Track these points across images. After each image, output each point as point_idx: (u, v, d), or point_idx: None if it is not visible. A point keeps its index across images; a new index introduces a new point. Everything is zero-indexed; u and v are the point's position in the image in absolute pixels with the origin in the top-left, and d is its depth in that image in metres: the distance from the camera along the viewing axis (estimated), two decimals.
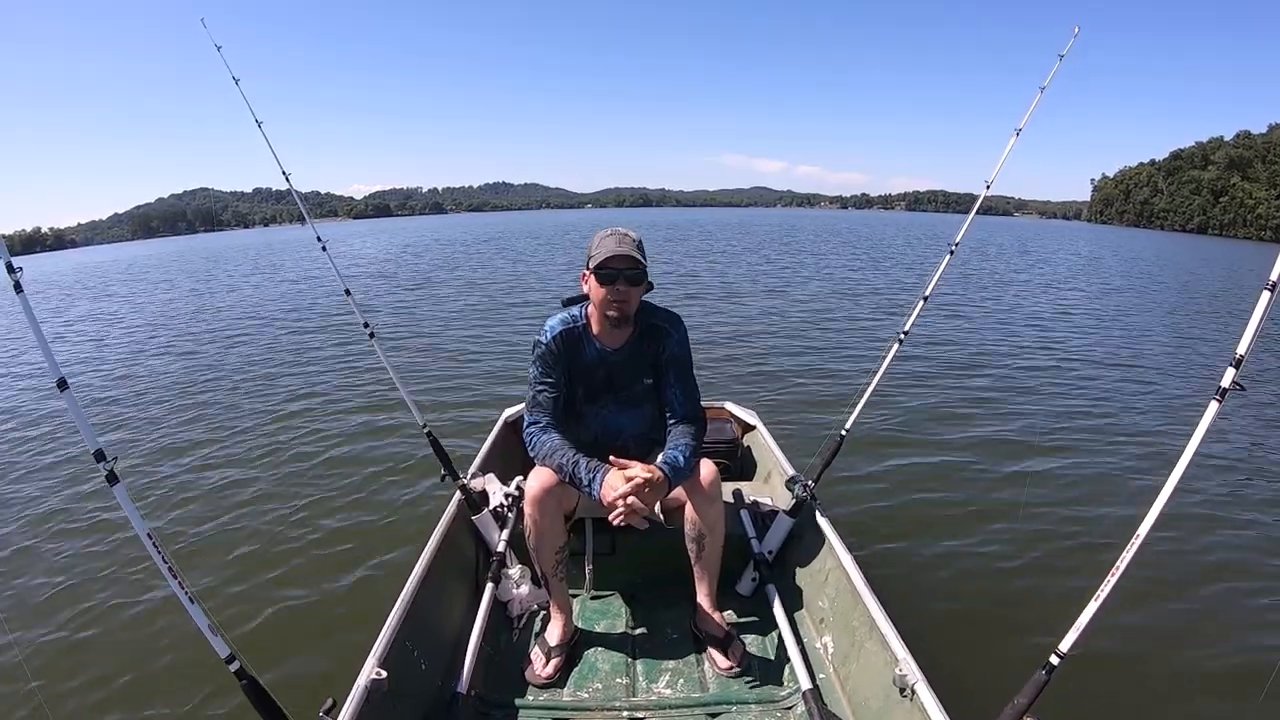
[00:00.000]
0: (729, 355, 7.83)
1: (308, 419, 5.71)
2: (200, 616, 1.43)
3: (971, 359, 7.85)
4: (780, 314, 10.89)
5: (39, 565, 3.50)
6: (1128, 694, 2.52)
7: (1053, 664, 1.46)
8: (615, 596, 2.40)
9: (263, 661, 2.57)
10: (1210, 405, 1.40)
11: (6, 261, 1.33)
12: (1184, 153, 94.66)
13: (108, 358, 8.90)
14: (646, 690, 1.97)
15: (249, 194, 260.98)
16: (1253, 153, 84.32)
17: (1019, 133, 2.46)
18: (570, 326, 2.07)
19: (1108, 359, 8.16)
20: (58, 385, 1.38)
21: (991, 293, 14.06)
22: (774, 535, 2.44)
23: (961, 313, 11.14)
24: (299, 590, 3.17)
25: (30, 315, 1.39)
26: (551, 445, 1.96)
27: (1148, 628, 2.90)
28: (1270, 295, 1.34)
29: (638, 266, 1.96)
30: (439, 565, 2.13)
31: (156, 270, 26.80)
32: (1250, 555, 3.55)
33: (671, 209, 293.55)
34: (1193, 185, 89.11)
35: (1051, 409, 6.00)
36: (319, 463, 4.71)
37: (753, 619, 2.27)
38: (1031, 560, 3.45)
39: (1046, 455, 4.83)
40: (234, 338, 9.83)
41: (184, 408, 6.25)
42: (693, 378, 2.15)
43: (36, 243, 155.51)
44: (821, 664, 2.05)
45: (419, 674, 1.83)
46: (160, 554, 1.42)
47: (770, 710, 1.87)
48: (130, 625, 2.95)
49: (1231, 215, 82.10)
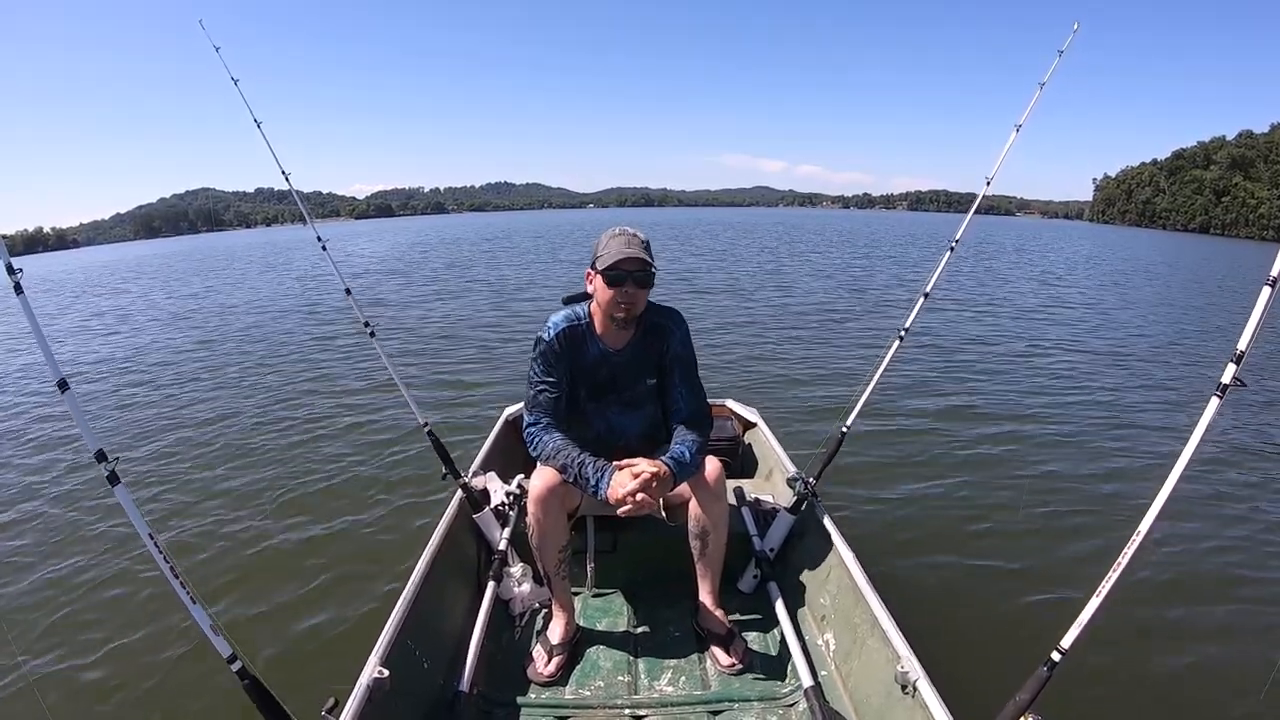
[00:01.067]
0: (730, 353, 7.84)
1: (309, 418, 5.72)
2: (202, 616, 1.43)
3: (972, 356, 7.85)
4: (782, 312, 10.90)
5: (40, 565, 3.50)
6: (1129, 691, 2.52)
7: (1054, 661, 1.46)
8: (617, 594, 2.39)
9: (264, 661, 2.59)
10: (1211, 401, 1.40)
11: (7, 263, 1.33)
12: (1186, 152, 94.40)
13: (109, 358, 8.91)
14: (649, 688, 1.97)
15: (251, 194, 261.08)
16: (1255, 152, 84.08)
17: (1019, 129, 2.46)
18: (573, 325, 2.07)
19: (1108, 355, 8.17)
20: (58, 386, 1.39)
21: (992, 290, 14.06)
22: (775, 533, 2.44)
23: (962, 310, 11.15)
24: (300, 589, 3.17)
25: (30, 316, 1.39)
26: (555, 445, 1.96)
27: (1149, 624, 2.89)
28: (1271, 291, 1.34)
29: (646, 268, 1.96)
30: (440, 564, 2.13)
31: (158, 270, 26.78)
32: (1252, 552, 3.55)
33: (674, 209, 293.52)
34: (1195, 185, 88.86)
35: (1053, 405, 6.00)
36: (320, 462, 4.71)
37: (754, 616, 2.27)
38: (1033, 557, 3.45)
39: (1047, 452, 4.83)
40: (235, 338, 9.84)
41: (184, 407, 6.26)
42: (697, 375, 2.15)
43: (38, 242, 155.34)
44: (823, 661, 2.05)
45: (421, 672, 1.83)
46: (161, 554, 1.42)
47: (772, 707, 1.87)
48: (132, 625, 2.94)
49: (1234, 215, 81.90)
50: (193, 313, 13.05)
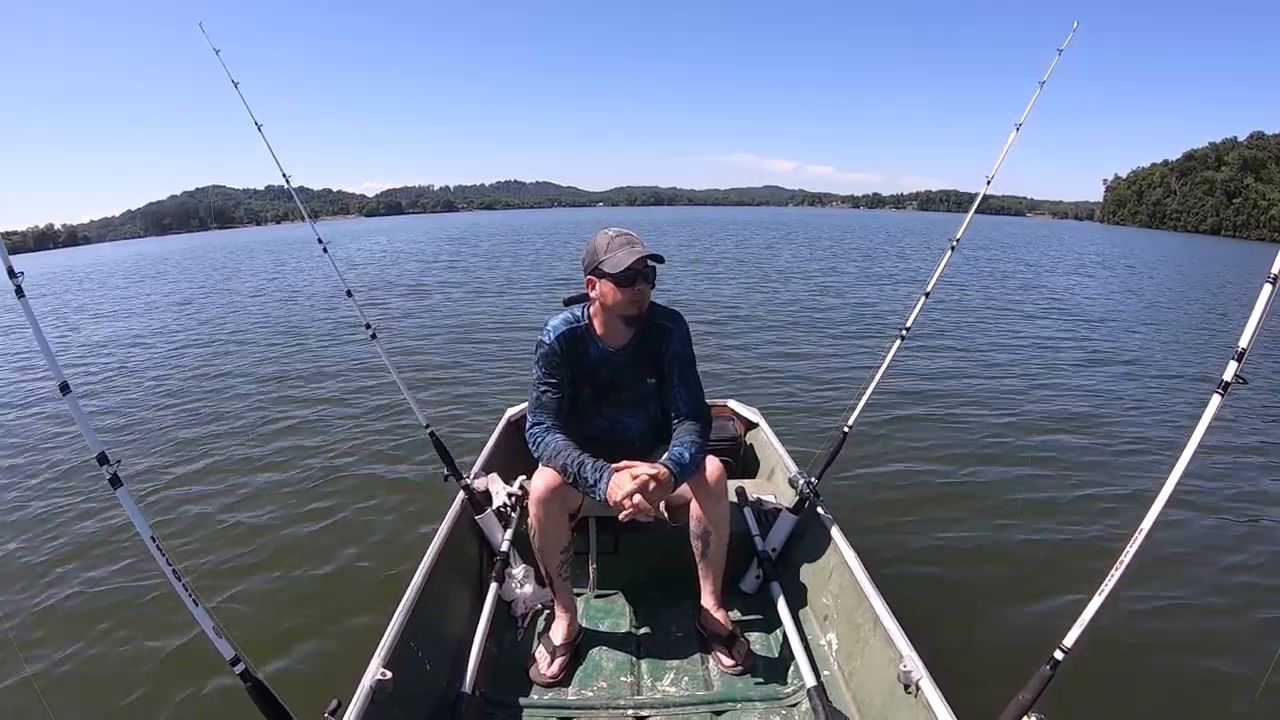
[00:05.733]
0: (731, 353, 7.83)
1: (310, 420, 5.73)
2: (204, 618, 1.44)
3: (973, 355, 7.84)
4: (782, 311, 10.88)
5: (42, 567, 3.50)
6: (1131, 689, 2.51)
7: (1057, 660, 1.46)
8: (619, 595, 2.39)
9: (267, 663, 2.60)
10: (1213, 399, 1.40)
11: (8, 266, 1.34)
12: (1197, 153, 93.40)
13: (110, 358, 8.92)
14: (651, 689, 1.97)
15: (261, 191, 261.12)
16: (1266, 154, 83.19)
17: (1019, 128, 2.46)
18: (572, 327, 2.07)
19: (1110, 354, 8.14)
20: (60, 389, 1.39)
21: (993, 289, 14.02)
22: (777, 533, 2.44)
23: (963, 309, 11.12)
24: (302, 591, 3.18)
25: (32, 319, 1.40)
26: (556, 446, 1.96)
27: (1152, 623, 2.88)
28: (1271, 289, 1.34)
29: (653, 265, 1.98)
30: (443, 565, 2.14)
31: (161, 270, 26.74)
32: (1254, 550, 3.53)
33: (684, 208, 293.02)
34: (1206, 186, 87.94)
35: (1054, 404, 5.99)
36: (322, 464, 4.71)
37: (757, 617, 2.27)
38: (1035, 556, 3.44)
39: (1049, 451, 4.81)
40: (237, 339, 9.83)
41: (186, 409, 6.27)
42: (696, 375, 2.15)
43: (49, 239, 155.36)
44: (826, 661, 2.04)
45: (423, 674, 1.83)
46: (164, 556, 1.43)
47: (775, 708, 1.87)
48: (134, 627, 2.95)
49: (1245, 216, 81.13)
50: (194, 313, 13.07)
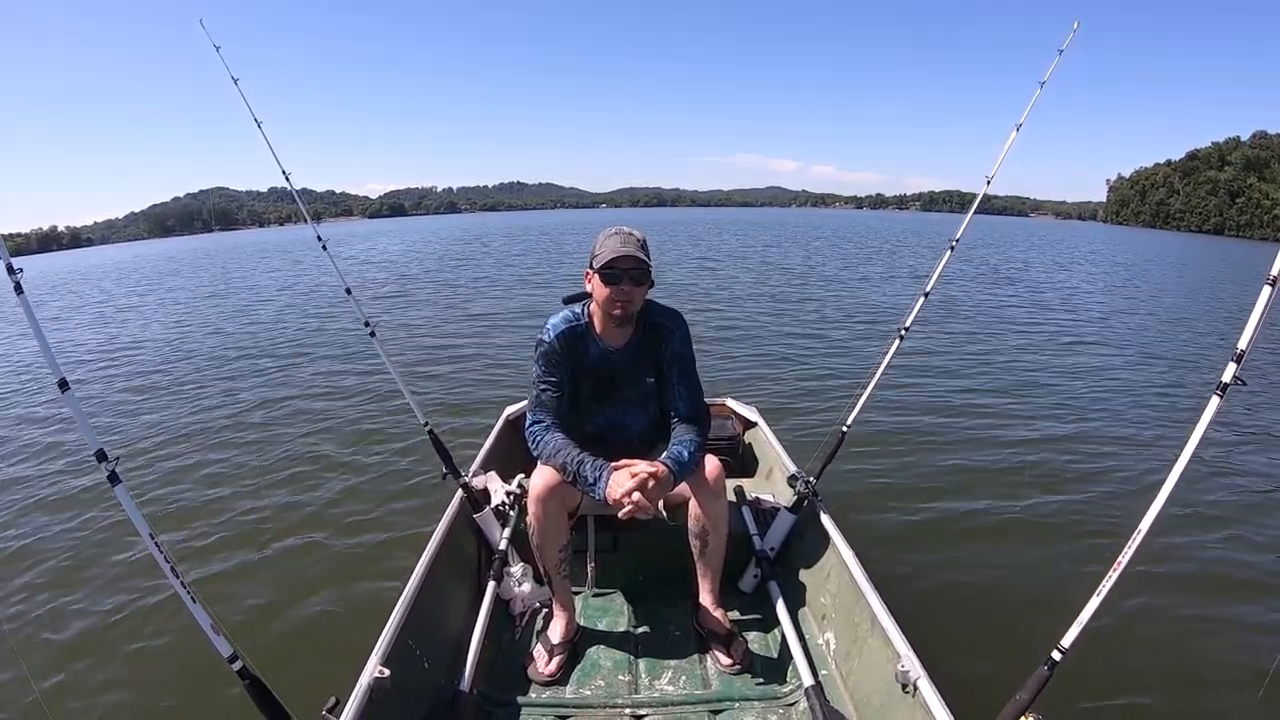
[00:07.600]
0: (730, 352, 7.83)
1: (310, 418, 5.73)
2: (202, 616, 1.44)
3: (972, 354, 7.83)
4: (782, 310, 10.88)
5: (40, 565, 3.50)
6: (1129, 690, 2.50)
7: (1055, 660, 1.46)
8: (617, 594, 2.40)
9: (265, 660, 2.58)
10: (1212, 400, 1.39)
11: (7, 263, 1.34)
12: (1200, 153, 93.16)
13: (110, 358, 8.92)
14: (649, 687, 1.97)
15: (264, 193, 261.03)
16: (1270, 153, 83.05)
17: (1019, 128, 2.46)
18: (572, 325, 2.07)
19: (1109, 355, 8.14)
20: (59, 386, 1.39)
21: (993, 289, 14.00)
22: (776, 532, 2.44)
23: (963, 308, 11.11)
24: (301, 589, 3.18)
25: (31, 316, 1.40)
26: (555, 445, 1.96)
27: (1150, 623, 2.87)
28: (1271, 290, 1.33)
29: (642, 266, 1.96)
30: (441, 564, 2.14)
31: (163, 270, 26.83)
32: (1252, 551, 3.52)
33: (686, 209, 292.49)
34: (1209, 186, 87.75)
35: (1053, 404, 5.99)
36: (320, 462, 4.72)
37: (755, 616, 2.27)
38: (1033, 556, 3.43)
39: (1048, 451, 4.80)
40: (236, 337, 9.86)
41: (185, 407, 6.28)
42: (695, 375, 2.15)
43: (52, 241, 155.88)
44: (824, 660, 2.04)
45: (421, 672, 1.83)
46: (162, 553, 1.43)
47: (773, 707, 1.87)
48: (132, 624, 2.95)
49: (1248, 216, 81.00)
50: (194, 313, 13.11)
